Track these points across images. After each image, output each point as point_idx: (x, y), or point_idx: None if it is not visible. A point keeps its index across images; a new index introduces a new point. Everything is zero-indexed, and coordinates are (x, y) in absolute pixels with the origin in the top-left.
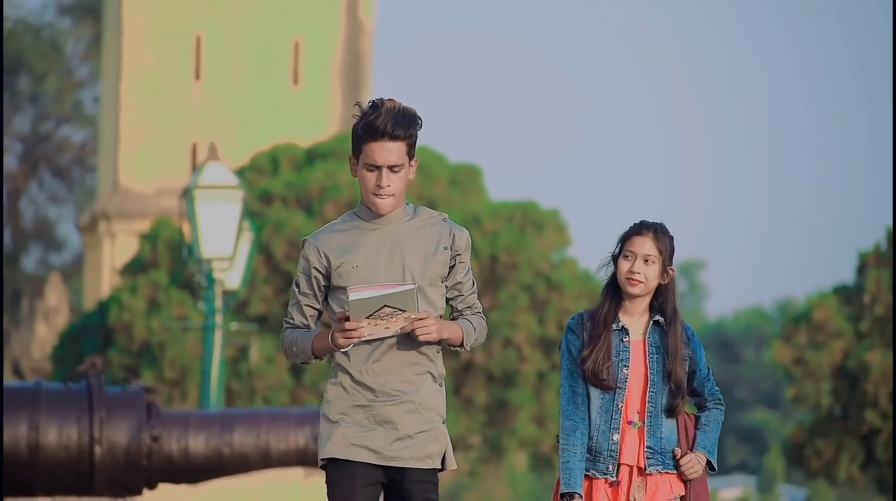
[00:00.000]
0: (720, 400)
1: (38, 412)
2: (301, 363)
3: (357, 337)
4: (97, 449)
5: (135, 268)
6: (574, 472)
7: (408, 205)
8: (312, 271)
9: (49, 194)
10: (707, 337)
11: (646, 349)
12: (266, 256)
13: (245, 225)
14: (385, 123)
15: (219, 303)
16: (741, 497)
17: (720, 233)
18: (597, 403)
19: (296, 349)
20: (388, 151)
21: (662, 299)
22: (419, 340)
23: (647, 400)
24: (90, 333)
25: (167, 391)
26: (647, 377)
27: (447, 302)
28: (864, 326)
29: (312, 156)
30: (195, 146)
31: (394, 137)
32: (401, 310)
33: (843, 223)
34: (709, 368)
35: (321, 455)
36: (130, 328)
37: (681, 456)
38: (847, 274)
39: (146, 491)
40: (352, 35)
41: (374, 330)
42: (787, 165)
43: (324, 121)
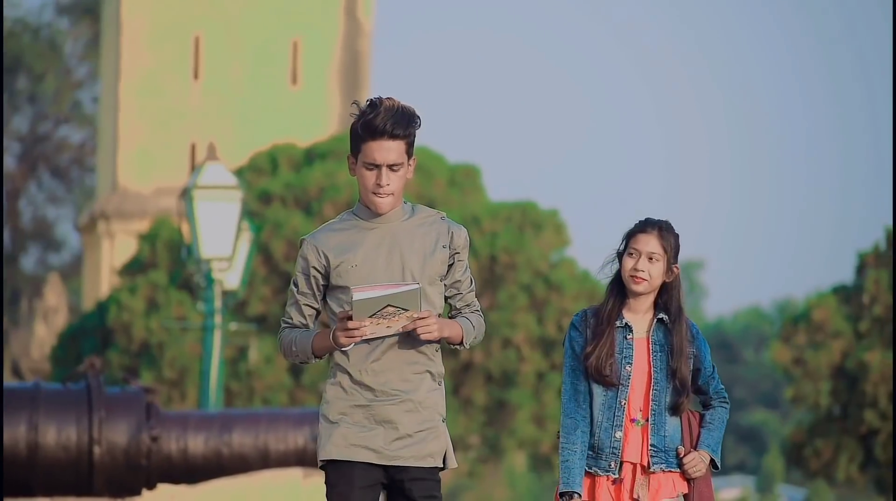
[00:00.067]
0: (725, 399)
1: (37, 413)
2: (300, 362)
3: (359, 336)
4: (96, 450)
5: (134, 268)
6: (573, 471)
7: (406, 204)
8: (311, 271)
9: (48, 194)
10: (706, 337)
11: (649, 346)
12: (265, 256)
13: (244, 225)
14: (384, 122)
15: (218, 303)
16: (740, 497)
17: (719, 233)
18: (599, 400)
19: (295, 348)
20: (388, 150)
21: (667, 297)
22: (421, 339)
23: (651, 398)
24: (89, 333)
25: (166, 391)
26: (651, 374)
27: (445, 300)
28: (864, 326)
29: (311, 156)
30: (194, 146)
31: (393, 136)
32: (403, 309)
33: (842, 223)
34: (714, 366)
35: (321, 456)
36: (129, 329)
37: (684, 455)
38: (846, 274)
39: (145, 492)
40: (350, 35)
41: (376, 329)
42: (787, 166)
43: (322, 121)
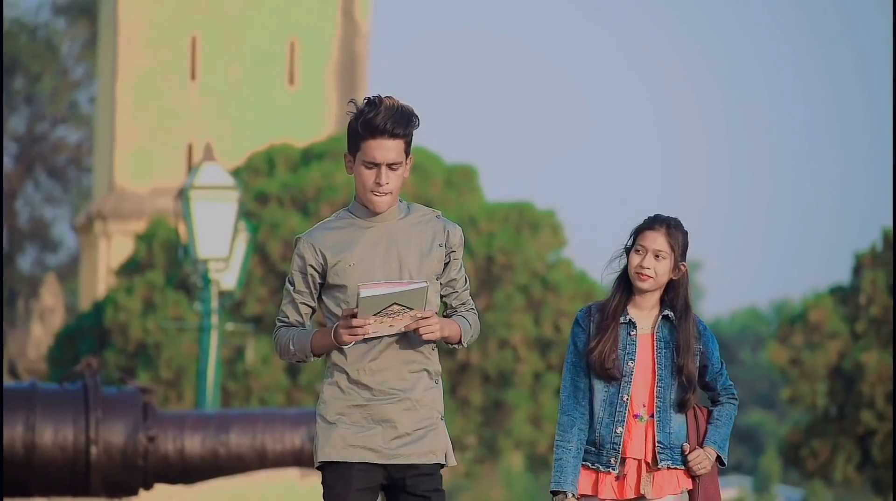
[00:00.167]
0: (733, 395)
1: (34, 413)
2: (296, 361)
3: (362, 334)
4: (93, 450)
5: (130, 268)
6: (566, 470)
7: (401, 202)
8: (308, 269)
9: (44, 194)
10: None
11: (654, 343)
12: (262, 256)
13: (241, 225)
14: (385, 121)
15: (214, 304)
16: (737, 497)
17: (716, 234)
18: (601, 396)
19: (293, 347)
20: (388, 149)
21: (673, 295)
22: (423, 338)
23: (656, 395)
24: (86, 333)
25: (163, 391)
26: (655, 371)
27: (441, 299)
28: (860, 326)
29: (308, 156)
30: (191, 146)
31: (393, 135)
32: (408, 308)
33: (840, 224)
34: (722, 362)
35: (320, 457)
36: (126, 329)
37: (689, 452)
38: (843, 275)
39: (142, 492)
40: (347, 35)
41: (379, 328)
42: (784, 167)
43: (319, 121)
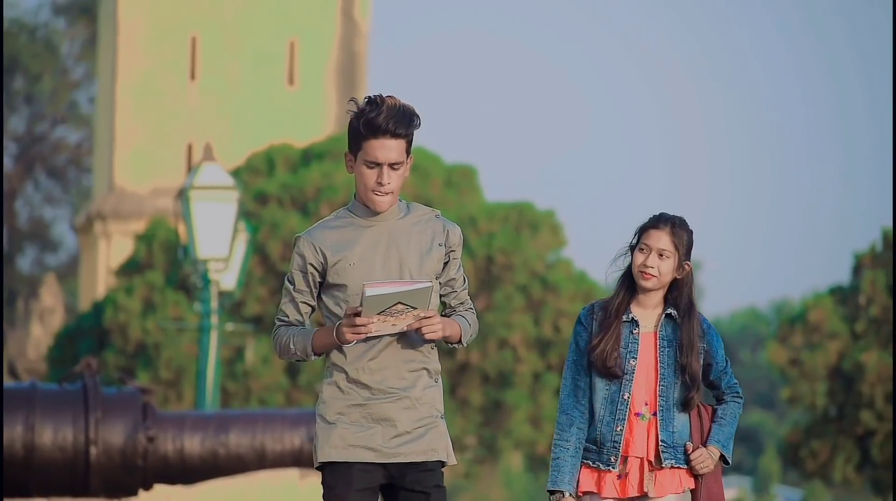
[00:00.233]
0: (738, 393)
1: (34, 413)
2: (296, 360)
3: (365, 333)
4: (93, 450)
5: (130, 269)
6: (563, 469)
7: (401, 201)
8: (308, 268)
9: (44, 194)
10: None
11: (657, 341)
12: (261, 256)
13: (241, 226)
14: (387, 120)
15: (214, 304)
16: (736, 498)
17: (716, 234)
18: (602, 394)
19: (293, 346)
20: (390, 148)
21: (677, 294)
22: (425, 338)
23: (659, 394)
24: (85, 334)
25: (163, 391)
26: (658, 370)
27: (439, 298)
28: (860, 327)
29: (308, 156)
30: (191, 147)
31: (395, 134)
32: (412, 307)
33: (839, 224)
34: (727, 360)
35: (319, 458)
36: (126, 329)
37: (692, 451)
38: (843, 275)
39: (142, 492)
40: (347, 35)
41: (382, 327)
42: (784, 167)
43: (319, 121)
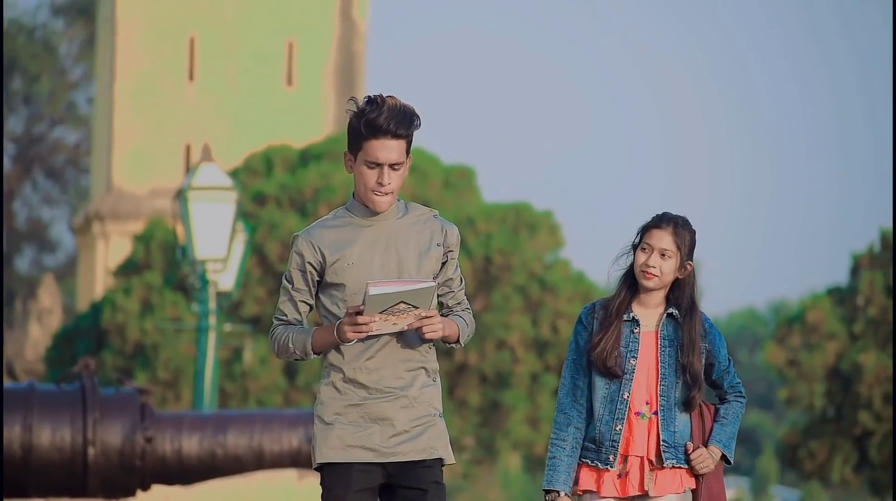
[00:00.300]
0: (741, 393)
1: (32, 414)
2: (294, 359)
3: (366, 332)
4: (91, 451)
5: (128, 269)
6: (559, 469)
7: (399, 201)
8: (307, 267)
9: (42, 195)
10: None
11: (658, 341)
12: (260, 257)
13: (239, 226)
14: (388, 121)
15: (212, 304)
16: (735, 498)
17: (714, 234)
18: (601, 393)
19: (292, 345)
20: (390, 149)
21: (678, 293)
22: (425, 337)
23: (660, 393)
24: (83, 334)
25: (161, 392)
26: (658, 369)
27: (437, 298)
28: (858, 327)
29: (306, 157)
30: (189, 147)
31: (396, 135)
32: (414, 307)
33: (838, 225)
34: (730, 360)
35: (318, 459)
36: (124, 330)
37: (692, 451)
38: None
39: (140, 493)
40: (346, 36)
41: (383, 326)
42: (783, 168)
43: (317, 122)
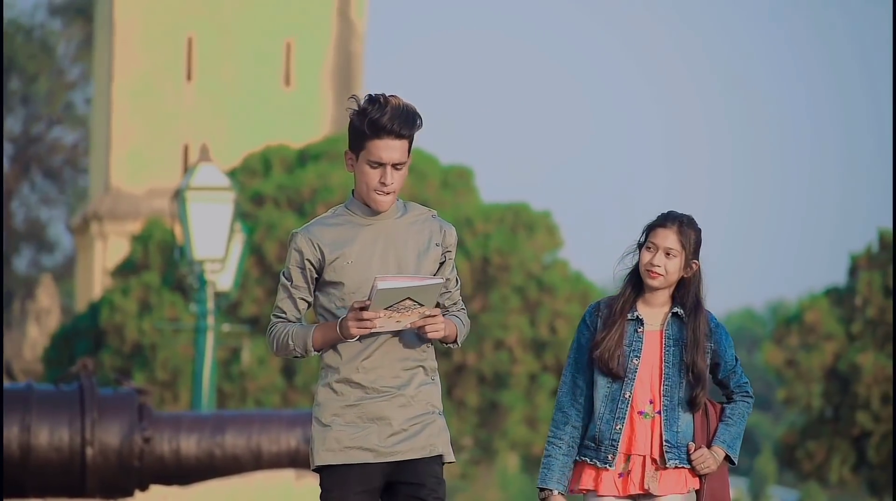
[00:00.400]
0: (748, 393)
1: (30, 414)
2: (294, 357)
3: (370, 328)
4: (89, 451)
5: (126, 269)
6: (553, 468)
7: (398, 200)
8: (306, 264)
9: (40, 195)
10: None
11: (662, 340)
12: (258, 257)
13: (237, 226)
14: (392, 121)
15: (210, 305)
16: (733, 499)
17: (713, 235)
18: (602, 391)
19: (292, 342)
20: (394, 149)
21: (683, 292)
22: (427, 337)
23: (663, 393)
24: (82, 334)
25: (159, 392)
26: (662, 368)
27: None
28: (856, 328)
29: (304, 157)
30: (187, 147)
31: (400, 135)
32: (419, 304)
33: (836, 226)
34: (736, 359)
35: (316, 461)
36: (122, 330)
37: (694, 451)
38: (839, 276)
39: (138, 493)
40: (343, 36)
41: (386, 323)
42: (781, 169)
43: (316, 122)
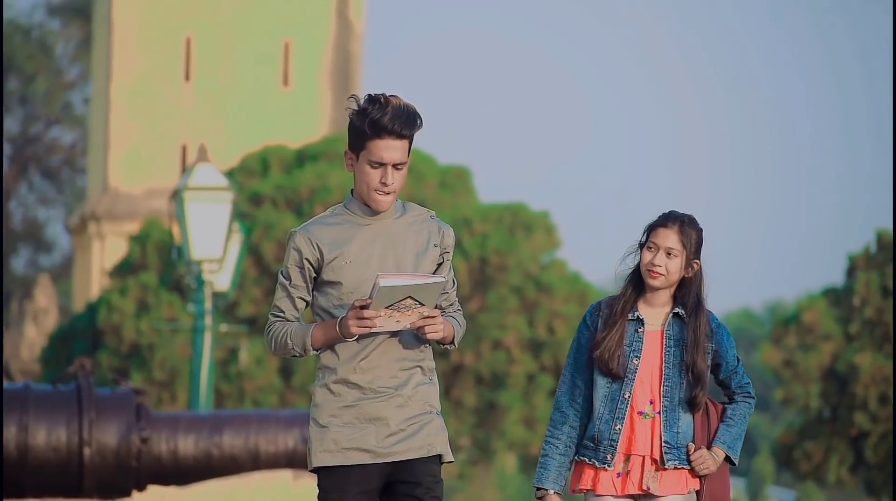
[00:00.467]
0: (749, 393)
1: (28, 414)
2: (292, 356)
3: (371, 327)
4: (86, 451)
5: (124, 270)
6: (549, 467)
7: (397, 200)
8: (305, 263)
9: (38, 195)
10: None
11: (663, 340)
12: (256, 257)
13: (235, 227)
14: (393, 121)
15: (208, 305)
16: (731, 499)
17: (711, 235)
18: (602, 391)
19: (290, 341)
20: (394, 149)
21: (685, 292)
22: (426, 337)
23: (663, 394)
24: (79, 334)
25: (156, 392)
26: (662, 369)
27: None
28: (854, 328)
29: (302, 157)
30: (185, 148)
31: (401, 135)
32: (420, 303)
33: (834, 226)
34: (738, 360)
35: (314, 462)
36: (120, 330)
37: (693, 451)
38: (837, 277)
39: (135, 493)
40: (342, 36)
41: (386, 322)
42: (779, 169)
43: (314, 122)
